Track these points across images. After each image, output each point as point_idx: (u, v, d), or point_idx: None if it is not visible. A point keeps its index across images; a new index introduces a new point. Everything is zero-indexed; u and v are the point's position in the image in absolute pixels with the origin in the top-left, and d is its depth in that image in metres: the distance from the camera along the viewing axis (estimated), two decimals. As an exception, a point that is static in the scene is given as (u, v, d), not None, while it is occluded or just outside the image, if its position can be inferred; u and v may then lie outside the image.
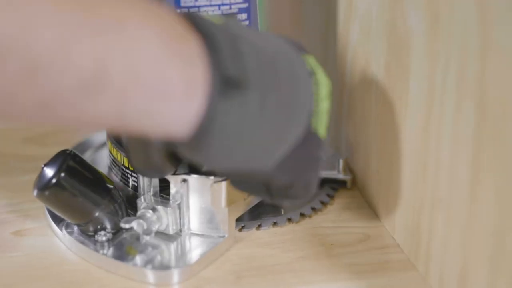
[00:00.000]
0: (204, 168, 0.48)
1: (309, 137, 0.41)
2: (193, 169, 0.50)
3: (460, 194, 0.43)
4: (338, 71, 0.61)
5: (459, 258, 0.44)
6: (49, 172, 0.49)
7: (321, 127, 0.41)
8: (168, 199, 0.51)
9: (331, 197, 0.58)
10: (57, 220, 0.53)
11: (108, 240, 0.50)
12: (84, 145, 0.62)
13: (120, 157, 0.54)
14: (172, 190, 0.51)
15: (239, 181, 0.44)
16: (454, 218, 0.44)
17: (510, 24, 0.37)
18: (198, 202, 0.51)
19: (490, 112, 0.39)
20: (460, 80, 0.42)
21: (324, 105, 0.41)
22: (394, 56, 0.50)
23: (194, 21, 0.37)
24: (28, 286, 0.49)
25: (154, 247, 0.50)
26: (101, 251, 0.50)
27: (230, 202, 0.51)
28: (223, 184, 0.50)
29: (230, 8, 0.51)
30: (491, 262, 0.40)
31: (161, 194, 0.52)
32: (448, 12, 0.43)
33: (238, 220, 0.53)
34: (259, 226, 0.54)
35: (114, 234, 0.51)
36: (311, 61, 0.42)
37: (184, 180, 0.50)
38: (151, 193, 0.51)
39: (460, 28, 0.41)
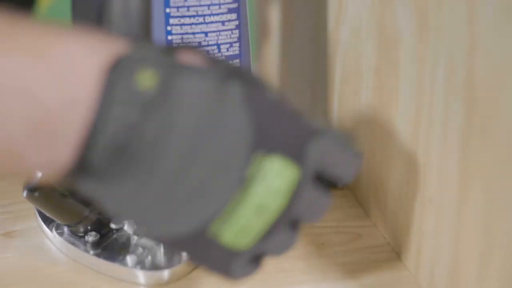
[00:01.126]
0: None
1: (204, 239, 0.34)
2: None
3: (450, 193, 0.43)
4: (328, 72, 0.61)
5: (449, 256, 0.44)
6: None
7: (229, 235, 0.34)
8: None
9: (321, 197, 0.58)
10: (47, 221, 0.52)
11: (98, 241, 0.50)
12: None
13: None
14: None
15: None
16: (444, 217, 0.44)
17: (498, 25, 0.37)
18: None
19: (479, 112, 0.39)
20: (449, 81, 0.42)
21: (244, 217, 0.34)
22: (384, 57, 0.50)
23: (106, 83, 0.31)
24: (18, 288, 0.49)
25: (145, 247, 0.50)
26: (91, 252, 0.50)
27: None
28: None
29: (220, 7, 0.51)
30: (481, 261, 0.41)
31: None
32: (436, 13, 0.43)
33: (229, 220, 0.53)
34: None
35: (104, 234, 0.51)
36: (271, 167, 0.34)
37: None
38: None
39: (448, 29, 0.42)
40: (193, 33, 0.50)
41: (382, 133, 0.52)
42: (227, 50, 0.51)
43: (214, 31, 0.51)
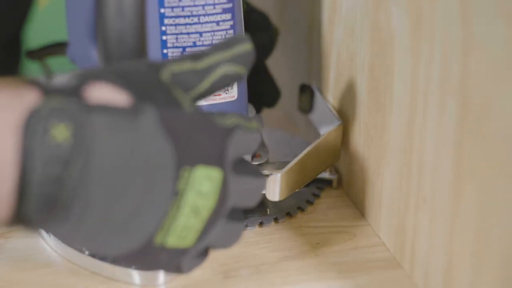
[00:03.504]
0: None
1: (151, 249, 0.38)
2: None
3: (444, 193, 0.43)
4: (322, 71, 0.61)
5: (444, 256, 0.44)
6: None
7: (173, 239, 0.38)
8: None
9: (317, 196, 0.58)
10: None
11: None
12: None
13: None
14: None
15: None
16: (438, 217, 0.44)
17: (492, 23, 0.38)
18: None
19: (473, 111, 0.40)
20: (443, 80, 0.42)
21: (183, 221, 0.38)
22: (378, 56, 0.50)
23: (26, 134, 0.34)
24: (13, 289, 0.49)
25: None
26: (86, 252, 0.50)
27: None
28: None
29: (214, 8, 0.51)
30: (475, 259, 0.41)
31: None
32: (430, 12, 0.43)
33: (224, 220, 0.53)
34: (246, 226, 0.54)
35: None
36: (197, 175, 0.37)
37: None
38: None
39: (442, 27, 0.42)
40: (188, 33, 0.50)
41: (376, 132, 0.52)
42: (222, 50, 0.52)
43: (208, 31, 0.51)
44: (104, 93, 0.36)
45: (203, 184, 0.38)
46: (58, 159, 0.34)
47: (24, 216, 0.35)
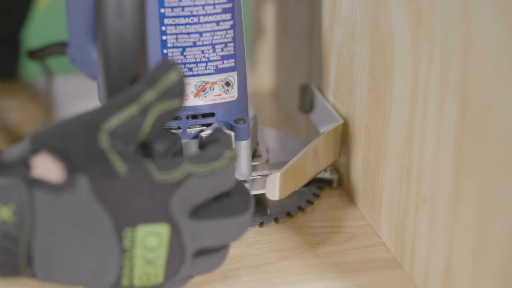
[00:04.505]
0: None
1: None
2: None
3: (444, 193, 0.43)
4: (322, 72, 0.61)
5: (444, 256, 0.44)
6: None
7: (139, 282, 0.41)
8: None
9: (317, 196, 0.58)
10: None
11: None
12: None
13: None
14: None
15: None
16: (438, 217, 0.44)
17: (492, 23, 0.38)
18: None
19: (473, 110, 0.40)
20: (443, 79, 0.42)
21: (140, 270, 0.41)
22: (378, 56, 0.50)
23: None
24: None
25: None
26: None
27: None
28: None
29: (214, 7, 0.51)
30: (475, 260, 0.41)
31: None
32: (430, 12, 0.43)
33: (224, 220, 0.53)
34: (245, 226, 0.54)
35: None
36: (140, 234, 0.40)
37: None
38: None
39: (442, 27, 0.42)
40: (188, 33, 0.50)
41: (376, 132, 0.52)
42: (222, 50, 0.51)
43: (208, 31, 0.51)
44: (46, 165, 0.39)
45: (148, 240, 0.40)
46: (5, 233, 0.38)
47: None
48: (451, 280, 0.43)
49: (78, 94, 0.78)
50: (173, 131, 0.52)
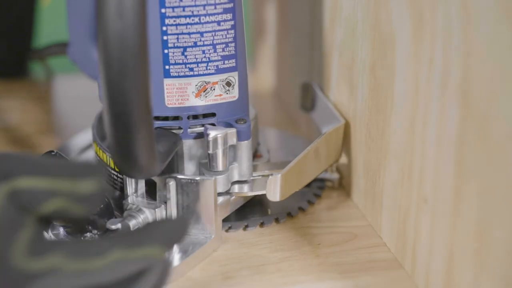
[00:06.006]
0: None
1: None
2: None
3: (445, 193, 0.43)
4: (323, 72, 0.61)
5: (445, 256, 0.44)
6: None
7: None
8: (155, 200, 0.51)
9: (318, 196, 0.58)
10: (43, 222, 0.52)
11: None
12: (69, 147, 0.62)
13: (106, 158, 0.54)
14: (158, 191, 0.51)
15: None
16: (439, 217, 0.44)
17: (494, 24, 0.37)
18: (185, 203, 0.51)
19: (474, 111, 0.40)
20: (444, 79, 0.42)
21: None
22: (379, 56, 0.50)
23: None
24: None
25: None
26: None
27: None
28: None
29: (215, 8, 0.51)
30: (476, 260, 0.41)
31: (148, 195, 0.52)
32: (431, 12, 0.43)
33: (224, 220, 0.53)
34: (246, 226, 0.54)
35: (100, 235, 0.51)
36: None
37: (170, 181, 0.50)
38: (138, 194, 0.51)
39: (443, 27, 0.42)
40: (189, 33, 0.50)
41: (377, 132, 0.52)
42: (223, 50, 0.51)
43: (209, 31, 0.51)
44: None
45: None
46: None
47: None
48: (452, 281, 0.43)
49: (78, 94, 0.78)
50: (173, 131, 0.52)
